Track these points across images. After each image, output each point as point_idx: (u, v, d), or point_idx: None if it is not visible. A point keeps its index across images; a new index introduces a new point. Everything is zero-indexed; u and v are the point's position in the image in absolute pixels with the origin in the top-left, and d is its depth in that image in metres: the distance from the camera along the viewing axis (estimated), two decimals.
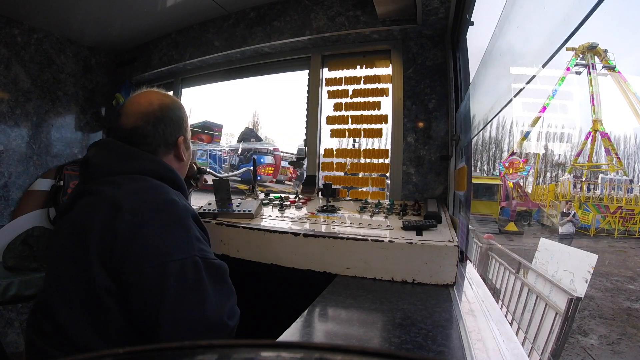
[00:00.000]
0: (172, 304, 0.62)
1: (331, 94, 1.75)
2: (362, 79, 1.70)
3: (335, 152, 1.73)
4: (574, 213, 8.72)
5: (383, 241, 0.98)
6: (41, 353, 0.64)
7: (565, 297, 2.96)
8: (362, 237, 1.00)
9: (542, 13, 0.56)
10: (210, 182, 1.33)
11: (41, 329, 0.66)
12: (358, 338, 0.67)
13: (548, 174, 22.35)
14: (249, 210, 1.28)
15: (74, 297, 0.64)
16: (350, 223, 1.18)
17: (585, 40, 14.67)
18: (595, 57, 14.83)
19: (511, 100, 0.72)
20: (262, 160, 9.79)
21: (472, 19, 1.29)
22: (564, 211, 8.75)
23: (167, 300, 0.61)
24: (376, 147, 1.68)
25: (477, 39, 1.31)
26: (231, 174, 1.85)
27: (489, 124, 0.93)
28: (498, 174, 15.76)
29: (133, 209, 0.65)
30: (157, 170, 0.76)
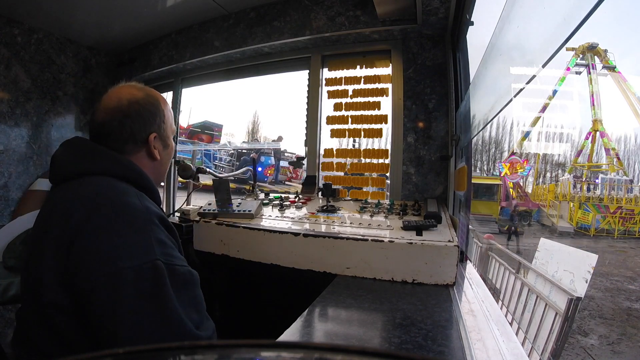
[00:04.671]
0: (128, 315, 0.57)
1: (331, 94, 1.75)
2: (362, 79, 1.70)
3: (335, 152, 1.73)
4: None
5: (383, 241, 0.98)
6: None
7: (565, 297, 2.97)
8: (362, 237, 1.00)
9: (542, 13, 0.56)
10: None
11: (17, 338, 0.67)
12: (358, 338, 0.67)
13: (548, 174, 22.34)
14: (249, 210, 1.29)
15: (30, 311, 0.64)
16: (350, 223, 1.18)
17: (585, 40, 14.68)
18: (595, 57, 14.84)
19: (511, 100, 0.72)
20: (269, 161, 9.87)
21: (472, 19, 1.29)
22: None
23: (122, 311, 0.57)
24: (376, 147, 1.68)
25: (477, 39, 1.31)
26: (231, 173, 1.85)
27: (489, 124, 0.93)
28: (498, 174, 15.77)
29: (86, 216, 0.62)
30: (119, 170, 0.72)
